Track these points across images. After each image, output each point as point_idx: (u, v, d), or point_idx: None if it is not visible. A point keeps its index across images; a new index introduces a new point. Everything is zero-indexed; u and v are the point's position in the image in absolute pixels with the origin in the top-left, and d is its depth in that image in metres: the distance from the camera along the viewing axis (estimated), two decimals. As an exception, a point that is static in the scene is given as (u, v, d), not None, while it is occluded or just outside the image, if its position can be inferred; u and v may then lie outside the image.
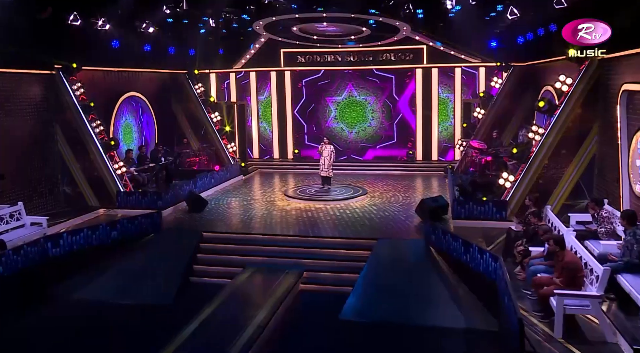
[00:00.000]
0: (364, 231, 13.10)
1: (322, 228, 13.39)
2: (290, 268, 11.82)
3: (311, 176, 20.42)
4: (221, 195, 17.62)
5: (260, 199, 16.85)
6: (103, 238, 12.29)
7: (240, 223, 14.14)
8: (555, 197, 12.86)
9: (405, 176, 20.50)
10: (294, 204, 16.05)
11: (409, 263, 11.63)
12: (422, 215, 13.93)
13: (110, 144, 15.31)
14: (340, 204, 15.91)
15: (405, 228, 13.31)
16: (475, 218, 13.26)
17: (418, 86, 22.13)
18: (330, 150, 17.17)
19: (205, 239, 13.05)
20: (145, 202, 14.89)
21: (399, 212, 14.86)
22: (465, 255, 10.57)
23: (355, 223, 13.81)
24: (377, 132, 22.68)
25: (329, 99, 22.82)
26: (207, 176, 17.74)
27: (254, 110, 23.36)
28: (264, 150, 23.65)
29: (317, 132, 22.91)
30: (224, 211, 15.43)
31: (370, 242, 12.41)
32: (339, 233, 12.95)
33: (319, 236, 12.81)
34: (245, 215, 14.92)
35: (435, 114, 22.11)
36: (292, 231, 13.19)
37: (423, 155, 22.46)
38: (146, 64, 18.73)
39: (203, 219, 14.54)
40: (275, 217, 14.54)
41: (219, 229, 13.57)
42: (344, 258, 12.18)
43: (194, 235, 13.09)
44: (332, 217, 14.38)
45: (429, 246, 12.02)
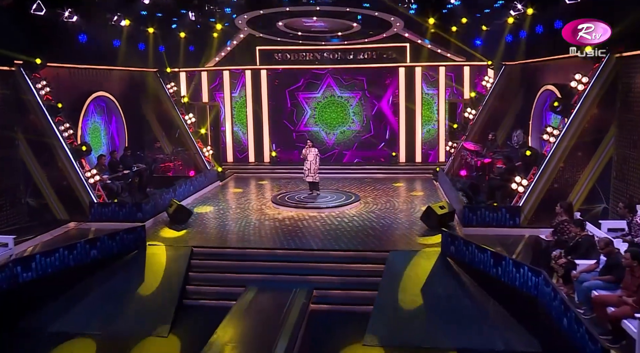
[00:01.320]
0: (371, 242, 12.06)
1: (325, 239, 12.26)
2: (297, 286, 10.66)
3: (293, 181, 19.31)
4: (201, 203, 16.21)
5: (246, 207, 15.56)
6: (81, 258, 10.74)
7: (233, 235, 12.82)
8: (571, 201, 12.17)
9: (389, 179, 19.62)
10: (285, 213, 14.85)
11: (428, 278, 10.66)
12: (428, 222, 13.03)
13: (81, 149, 13.66)
14: (335, 212, 14.81)
15: (413, 238, 12.35)
16: (487, 225, 12.44)
17: (401, 86, 21.32)
18: (315, 154, 16.05)
19: (196, 255, 11.68)
20: (123, 214, 13.34)
21: (401, 220, 13.90)
22: (495, 268, 9.69)
23: (358, 233, 12.75)
24: (357, 133, 21.72)
25: (304, 98, 21.65)
26: (185, 183, 16.29)
27: (228, 112, 21.96)
28: (238, 154, 22.27)
29: (294, 134, 21.77)
30: (210, 222, 14.06)
31: (381, 254, 11.38)
32: (345, 245, 11.86)
33: (325, 249, 11.67)
34: (236, 226, 13.61)
35: (419, 114, 21.35)
36: (292, 244, 12.00)
37: (406, 157, 21.67)
38: (115, 60, 17.07)
39: (190, 232, 13.14)
40: (269, 228, 13.30)
41: (211, 243, 12.23)
42: (355, 273, 11.10)
43: (183, 251, 11.70)
44: (331, 227, 13.27)
45: (446, 258, 11.11)
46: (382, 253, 11.39)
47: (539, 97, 16.08)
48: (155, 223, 13.83)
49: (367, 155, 21.69)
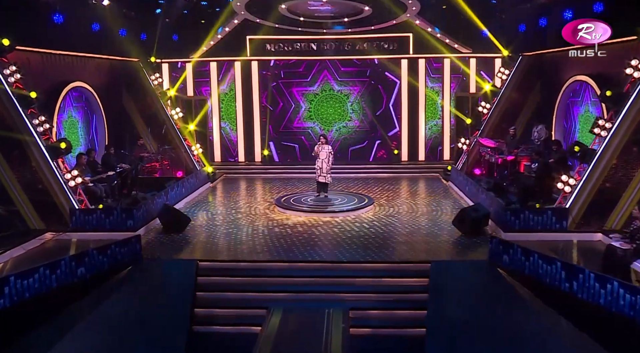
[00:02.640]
0: (405, 252, 10.48)
1: (350, 249, 10.63)
2: (329, 306, 9.00)
3: (291, 181, 17.68)
4: (195, 208, 14.37)
5: (248, 212, 13.79)
6: (66, 277, 8.83)
7: (242, 246, 11.05)
8: (624, 203, 10.89)
9: (393, 179, 18.14)
10: (295, 218, 13.16)
11: (482, 293, 9.17)
12: (462, 227, 11.57)
13: (59, 147, 11.67)
14: (351, 216, 13.20)
15: (453, 246, 10.84)
16: (531, 230, 11.04)
17: (403, 78, 19.86)
18: (328, 151, 14.41)
19: (203, 271, 9.89)
20: (110, 222, 11.42)
21: (428, 225, 12.38)
22: (568, 282, 8.24)
23: (386, 241, 11.18)
24: (356, 130, 20.16)
25: (298, 92, 19.96)
26: (177, 185, 14.41)
27: (215, 107, 20.08)
28: (227, 153, 20.41)
29: (285, 130, 20.10)
30: (212, 230, 12.24)
31: (421, 266, 9.82)
32: (377, 256, 10.25)
33: (354, 261, 10.03)
34: (243, 234, 11.84)
35: (423, 110, 19.94)
36: (315, 255, 10.32)
37: (409, 155, 20.22)
38: (94, 47, 15.03)
39: (190, 243, 11.32)
40: (281, 236, 11.59)
41: (219, 256, 10.44)
42: (393, 288, 9.51)
43: (187, 267, 9.89)
44: (352, 234, 11.65)
45: (496, 269, 9.63)
46: (422, 265, 9.83)
47: (565, 89, 14.84)
48: (147, 232, 11.95)
49: (367, 153, 20.16)
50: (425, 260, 9.95)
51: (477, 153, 16.73)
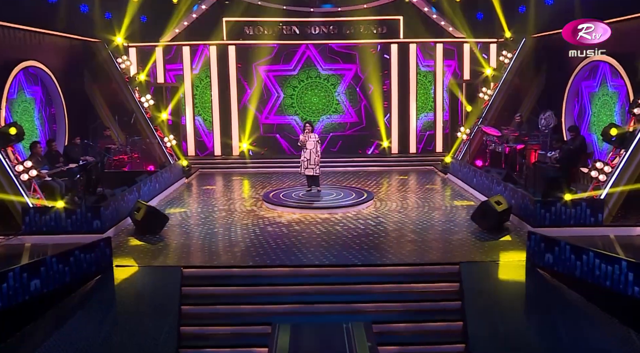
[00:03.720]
0: (427, 252, 8.97)
1: (362, 250, 9.07)
2: (347, 319, 7.43)
3: (275, 176, 16.08)
4: (172, 205, 12.57)
5: (232, 209, 12.08)
6: (17, 294, 6.99)
7: (233, 248, 9.33)
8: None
9: (385, 173, 16.70)
10: (287, 215, 11.53)
11: (528, 299, 7.75)
12: (484, 222, 10.16)
13: (7, 133, 9.74)
14: (351, 212, 11.65)
15: (477, 244, 9.38)
16: (563, 224, 9.69)
17: (393, 65, 18.42)
18: (315, 140, 12.83)
19: (188, 279, 8.17)
20: (73, 222, 9.55)
21: (441, 221, 10.92)
22: (638, 285, 6.89)
23: (400, 240, 9.66)
24: (343, 121, 18.64)
25: (277, 78, 18.31)
26: (150, 180, 12.57)
27: (189, 95, 18.22)
28: (202, 146, 18.59)
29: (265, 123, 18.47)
30: (194, 231, 10.49)
31: (448, 268, 8.35)
32: (395, 258, 8.71)
33: (369, 264, 8.46)
34: (232, 234, 10.13)
35: (414, 99, 18.55)
36: (323, 258, 8.70)
37: (399, 147, 18.80)
38: (51, 22, 13.04)
39: (170, 245, 9.54)
40: (277, 236, 9.94)
41: (207, 261, 8.71)
42: (420, 296, 7.97)
43: (169, 275, 8.16)
44: (359, 233, 10.10)
45: (537, 270, 8.23)
46: (450, 267, 8.36)
47: (578, 71, 13.65)
48: (117, 234, 10.13)
49: (356, 146, 18.66)
50: (453, 261, 8.47)
51: (479, 143, 15.42)
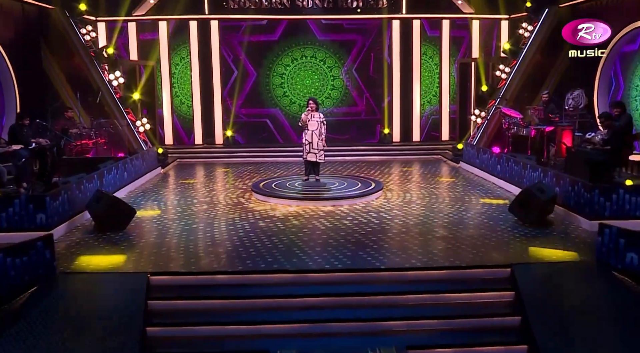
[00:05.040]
0: (464, 252, 7.03)
1: (380, 249, 7.13)
2: (372, 344, 5.49)
3: (265, 166, 14.16)
4: (142, 197, 10.52)
5: (215, 201, 10.08)
6: None
7: (216, 249, 7.31)
8: None
9: (388, 162, 14.87)
10: (282, 208, 9.54)
11: (605, 311, 5.85)
12: (524, 214, 8.29)
13: None
14: (359, 204, 9.72)
15: (524, 241, 7.46)
16: (625, 216, 7.85)
17: (395, 43, 16.56)
18: (319, 121, 10.88)
19: (157, 290, 6.16)
20: (10, 216, 7.45)
21: (471, 214, 9.03)
22: None
23: (427, 237, 7.73)
24: (343, 103, 16.76)
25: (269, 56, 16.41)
26: (117, 168, 10.49)
27: (166, 77, 16.16)
28: (181, 134, 16.53)
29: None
30: (168, 227, 8.44)
31: (498, 272, 6.45)
32: (427, 259, 6.77)
33: (395, 268, 6.50)
34: (214, 233, 8.10)
35: (417, 82, 16.69)
36: (335, 261, 6.69)
37: (401, 135, 16.93)
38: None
39: (136, 246, 7.49)
40: (271, 233, 7.94)
41: (182, 266, 6.67)
42: (466, 310, 6.04)
43: (130, 283, 6.14)
44: (373, 228, 8.15)
45: (612, 273, 6.36)
46: (499, 271, 6.46)
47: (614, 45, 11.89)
48: (70, 233, 8.06)
49: (355, 132, 16.79)
50: (502, 263, 6.56)
51: (497, 127, 13.59)
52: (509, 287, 6.22)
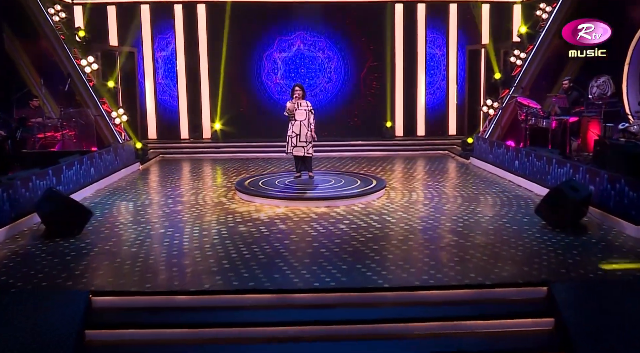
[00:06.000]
0: (490, 267, 5.70)
1: (386, 262, 5.80)
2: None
3: (255, 162, 12.88)
4: (110, 197, 9.20)
5: (192, 201, 8.76)
6: None
7: (182, 262, 5.96)
8: None
9: (391, 158, 13.57)
10: (268, 209, 8.22)
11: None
12: (556, 217, 6.97)
13: None
14: (357, 205, 8.38)
15: (558, 251, 6.13)
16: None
17: (397, 30, 15.23)
18: (307, 110, 9.55)
19: (98, 315, 4.83)
20: None
21: (489, 218, 7.69)
22: None
23: (440, 247, 6.40)
24: (338, 92, 15.47)
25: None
26: (80, 163, 9.16)
27: (149, 65, 14.84)
28: (166, 128, 15.20)
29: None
30: (129, 232, 7.11)
31: (531, 291, 5.12)
32: (441, 274, 5.42)
33: (406, 288, 5.16)
34: (183, 240, 6.76)
35: (422, 70, 15.37)
36: (327, 277, 5.37)
37: (405, 129, 15.59)
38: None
39: (85, 257, 6.14)
40: (252, 242, 6.61)
41: (135, 283, 5.31)
42: (491, 343, 4.71)
43: (65, 305, 4.81)
44: (375, 235, 6.82)
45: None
46: (534, 290, 5.14)
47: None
48: (10, 240, 6.74)
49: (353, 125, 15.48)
50: (536, 280, 5.23)
51: (511, 118, 12.26)
52: (548, 310, 4.90)
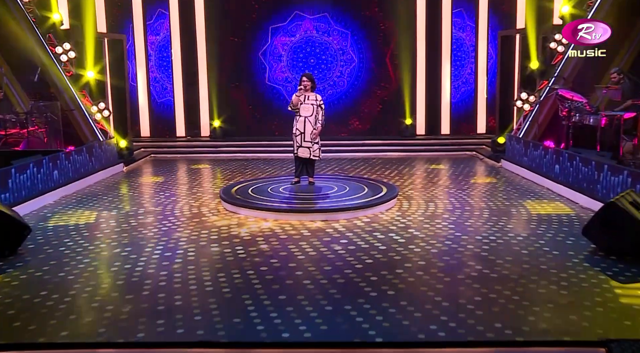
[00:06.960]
0: (518, 310, 4.15)
1: (382, 304, 4.28)
2: None
3: (254, 163, 11.53)
4: (75, 205, 7.87)
5: (165, 213, 7.36)
6: None
7: (124, 296, 4.55)
8: None
9: (410, 160, 12.03)
10: (252, 223, 6.77)
11: None
12: (607, 241, 5.39)
13: None
14: (362, 219, 6.87)
15: (615, 290, 4.56)
16: None
17: (419, 15, 13.64)
18: (315, 104, 8.06)
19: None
20: None
21: (523, 238, 6.10)
22: None
23: (458, 279, 4.86)
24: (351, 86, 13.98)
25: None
26: (39, 165, 7.84)
27: (141, 55, 13.56)
28: (160, 124, 13.90)
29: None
30: (76, 252, 5.72)
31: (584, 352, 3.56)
32: (456, 323, 3.89)
33: (407, 344, 3.65)
34: (136, 263, 5.35)
35: (447, 59, 13.75)
36: (303, 322, 3.91)
37: (427, 128, 13.99)
38: None
39: (3, 286, 4.78)
40: (221, 269, 5.17)
41: (49, 329, 3.90)
42: None
43: None
44: (380, 261, 5.33)
45: None
46: (584, 351, 3.58)
47: None
48: None
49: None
50: (591, 338, 3.66)
51: (551, 114, 10.59)
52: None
